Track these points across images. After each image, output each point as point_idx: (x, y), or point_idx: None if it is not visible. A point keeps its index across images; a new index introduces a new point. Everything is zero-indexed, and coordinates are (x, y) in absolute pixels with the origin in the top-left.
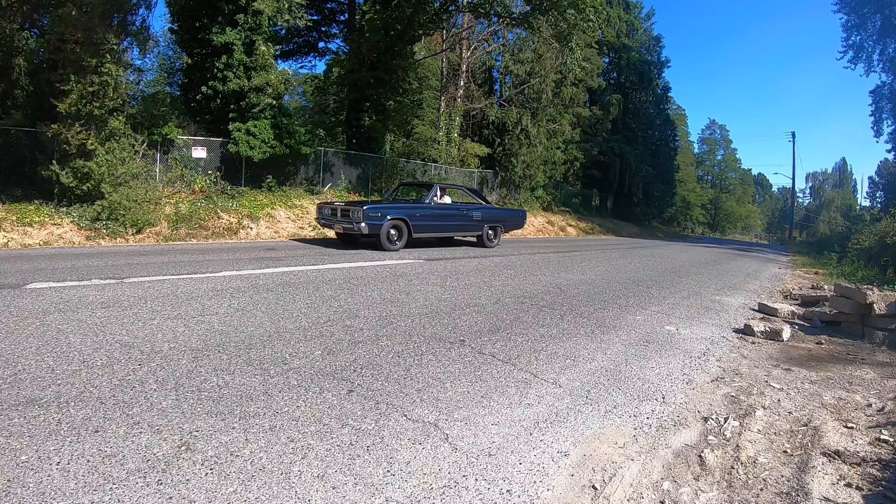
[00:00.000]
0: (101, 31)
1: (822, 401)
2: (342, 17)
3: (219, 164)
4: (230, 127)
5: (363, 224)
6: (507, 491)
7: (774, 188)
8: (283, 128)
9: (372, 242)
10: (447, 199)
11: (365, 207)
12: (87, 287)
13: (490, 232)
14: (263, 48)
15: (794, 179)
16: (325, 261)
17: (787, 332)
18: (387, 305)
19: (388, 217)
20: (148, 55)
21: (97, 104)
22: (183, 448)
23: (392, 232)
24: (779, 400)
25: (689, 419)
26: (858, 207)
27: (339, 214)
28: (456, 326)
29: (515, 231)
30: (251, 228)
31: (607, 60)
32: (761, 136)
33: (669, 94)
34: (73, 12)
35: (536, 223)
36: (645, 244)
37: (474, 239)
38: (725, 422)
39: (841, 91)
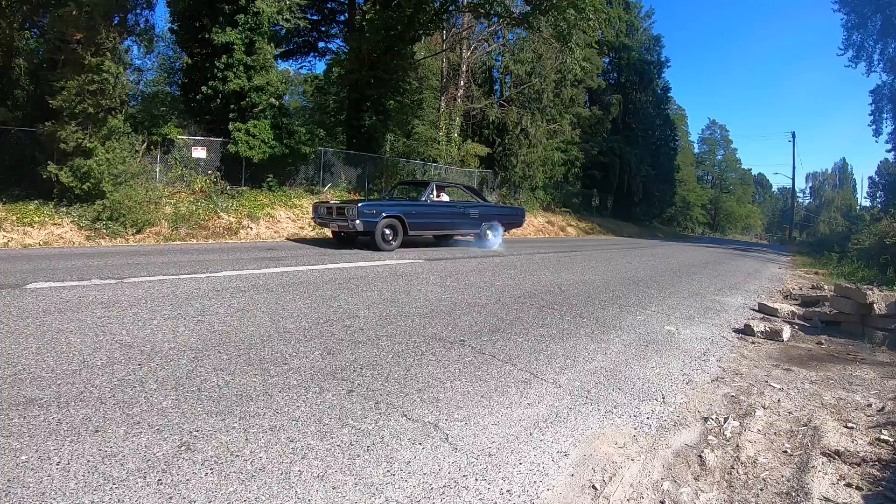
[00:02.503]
0: (104, 31)
1: (822, 401)
2: (342, 17)
3: (219, 164)
4: (230, 127)
5: (358, 221)
6: (507, 491)
7: (774, 188)
8: (283, 128)
9: (369, 242)
10: (445, 198)
11: (360, 205)
12: (87, 287)
13: (488, 230)
14: (266, 48)
15: (794, 179)
16: (325, 261)
17: (787, 332)
18: (387, 305)
19: (384, 214)
20: (149, 55)
21: (91, 102)
22: (183, 448)
23: (387, 230)
24: (779, 400)
25: (689, 419)
26: (858, 207)
27: (334, 213)
28: (456, 326)
29: (515, 230)
30: (251, 228)
31: (607, 60)
32: (761, 136)
33: (669, 94)
34: (74, 12)
35: (536, 223)
36: (645, 244)
37: (472, 238)
38: (725, 422)
39: (841, 91)
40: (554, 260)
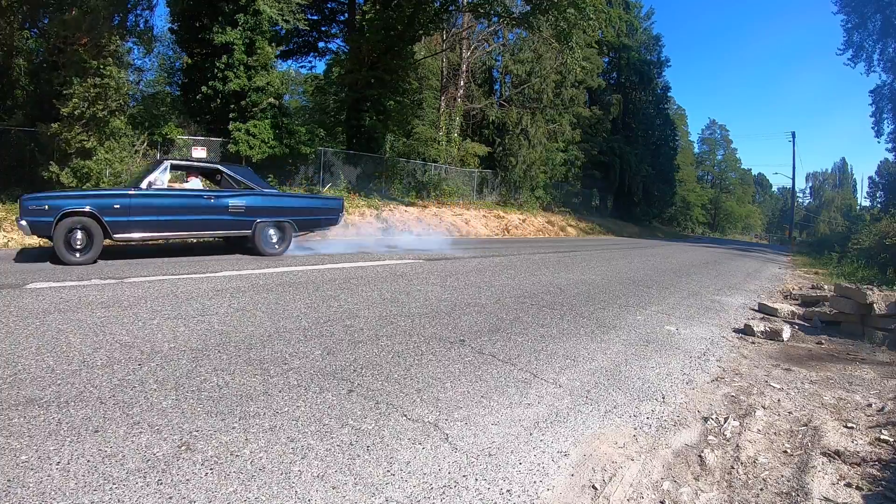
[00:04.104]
0: (107, 34)
1: (822, 401)
2: (342, 17)
3: None
4: (230, 127)
5: (23, 223)
6: (507, 491)
7: (774, 188)
8: (283, 128)
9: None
10: (196, 184)
11: (23, 197)
12: (87, 287)
13: (270, 231)
14: (266, 48)
15: (794, 179)
16: (325, 261)
17: (787, 332)
18: (387, 305)
19: (64, 210)
20: (148, 55)
21: (100, 106)
22: (183, 448)
23: (78, 234)
24: (779, 400)
25: (689, 419)
26: (858, 207)
27: None
28: (456, 326)
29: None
30: None
31: (607, 60)
32: (761, 136)
33: (669, 94)
34: (75, 13)
35: (536, 223)
36: (645, 244)
37: (255, 242)
38: (725, 422)
39: (841, 91)
40: (554, 260)
